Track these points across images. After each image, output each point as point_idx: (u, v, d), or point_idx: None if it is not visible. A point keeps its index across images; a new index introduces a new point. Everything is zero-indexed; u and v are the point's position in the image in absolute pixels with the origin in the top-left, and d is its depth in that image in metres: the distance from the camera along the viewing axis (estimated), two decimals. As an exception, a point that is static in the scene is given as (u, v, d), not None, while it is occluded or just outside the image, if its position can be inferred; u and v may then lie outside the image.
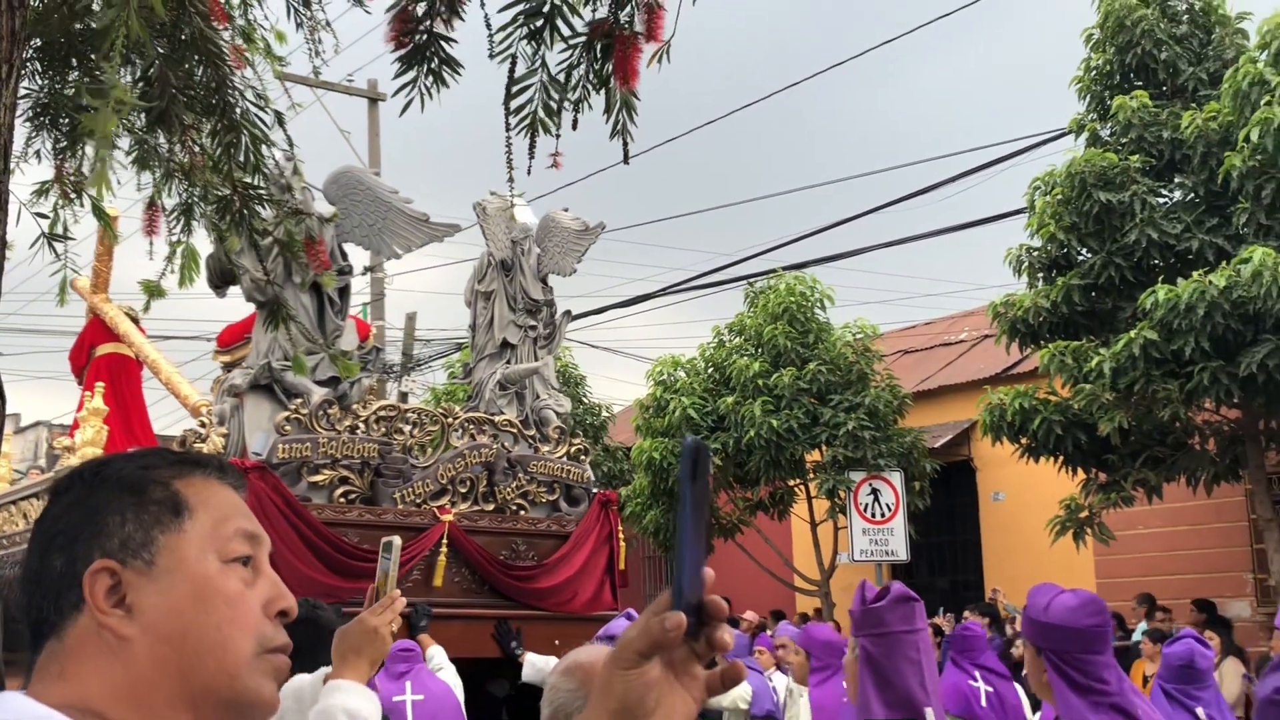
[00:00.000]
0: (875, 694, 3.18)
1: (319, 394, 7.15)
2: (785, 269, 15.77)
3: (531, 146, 2.81)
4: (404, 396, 14.37)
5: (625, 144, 3.14)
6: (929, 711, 3.14)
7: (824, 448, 14.75)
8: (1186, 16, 12.04)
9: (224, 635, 1.28)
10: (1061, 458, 12.25)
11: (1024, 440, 12.24)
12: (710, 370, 15.98)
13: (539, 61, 2.80)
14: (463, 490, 7.59)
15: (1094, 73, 12.13)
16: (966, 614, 13.00)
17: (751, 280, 16.15)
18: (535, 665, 7.03)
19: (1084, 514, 12.27)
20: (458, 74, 2.93)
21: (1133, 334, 10.57)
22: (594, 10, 2.99)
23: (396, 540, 2.63)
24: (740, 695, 7.78)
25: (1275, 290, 9.68)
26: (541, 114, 2.82)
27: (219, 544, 1.29)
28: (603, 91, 3.08)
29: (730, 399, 14.89)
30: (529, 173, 2.86)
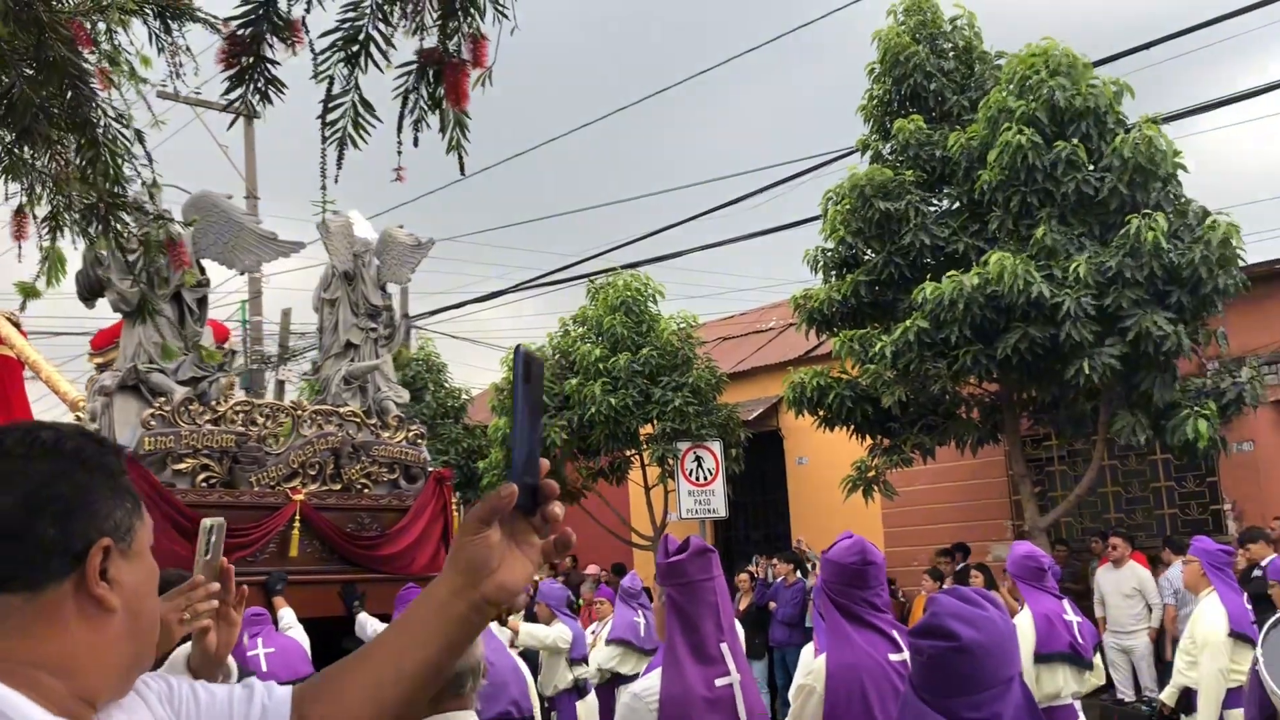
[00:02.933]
0: (680, 634, 3.24)
1: (180, 392, 7.24)
2: (622, 268, 15.84)
3: (340, 159, 2.82)
4: (281, 385, 14.02)
5: (460, 159, 3.16)
6: (724, 646, 3.23)
7: (655, 422, 14.89)
8: (952, 53, 12.38)
9: (157, 613, 1.38)
10: (852, 426, 12.58)
11: (821, 412, 12.51)
12: (557, 356, 15.99)
13: (353, 83, 2.80)
14: (312, 473, 7.77)
15: (875, 100, 12.41)
16: (775, 560, 13.35)
17: (593, 277, 16.19)
18: (363, 624, 7.30)
19: (871, 474, 12.65)
20: (281, 93, 2.93)
21: (908, 323, 10.88)
22: (422, 40, 3.00)
23: (215, 521, 2.24)
24: (560, 636, 7.83)
25: (1018, 287, 10.09)
26: (350, 130, 2.82)
27: (150, 536, 1.37)
28: (437, 112, 3.09)
29: (574, 381, 14.93)
30: (336, 181, 2.87)
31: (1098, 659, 6.08)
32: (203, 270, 7.84)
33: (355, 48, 2.72)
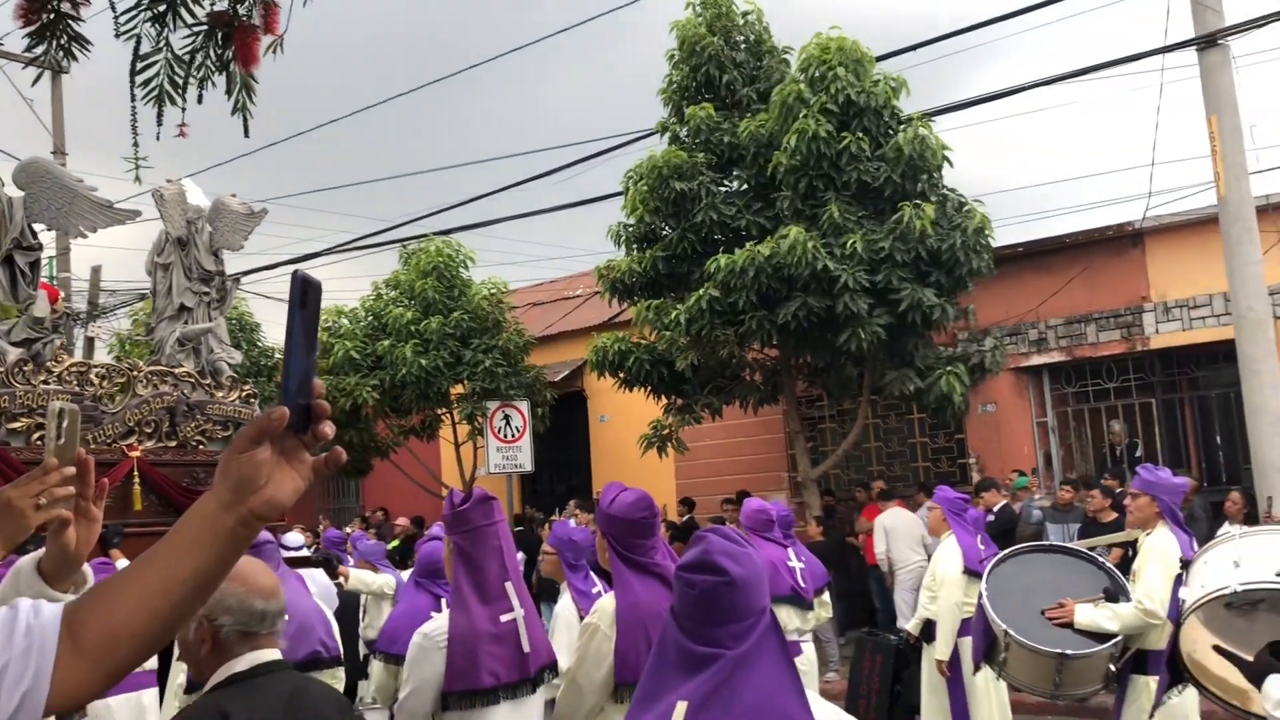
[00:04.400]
0: (465, 576, 3.33)
1: (14, 354, 6.98)
2: (435, 234, 15.65)
3: (159, 117, 2.75)
4: (90, 342, 13.24)
5: (245, 121, 3.06)
6: (508, 585, 3.34)
7: (465, 382, 14.86)
8: (744, 46, 12.68)
9: None
10: (649, 388, 12.86)
11: (622, 374, 12.72)
12: (370, 318, 15.72)
13: (163, 41, 2.72)
14: (148, 430, 7.63)
15: (674, 86, 12.61)
16: (577, 511, 13.55)
17: (405, 243, 15.93)
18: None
19: (665, 431, 12.99)
20: (86, 50, 2.82)
21: (700, 292, 11.19)
22: (213, 3, 2.92)
23: (64, 406, 1.97)
24: (386, 582, 7.83)
25: (804, 259, 10.53)
26: (167, 87, 2.74)
27: None
28: (224, 74, 3.01)
29: (387, 342, 14.73)
30: (158, 138, 2.80)
31: (827, 597, 6.71)
32: (34, 234, 7.50)
33: (163, 7, 2.64)
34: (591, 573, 5.27)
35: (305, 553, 8.99)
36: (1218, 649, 3.98)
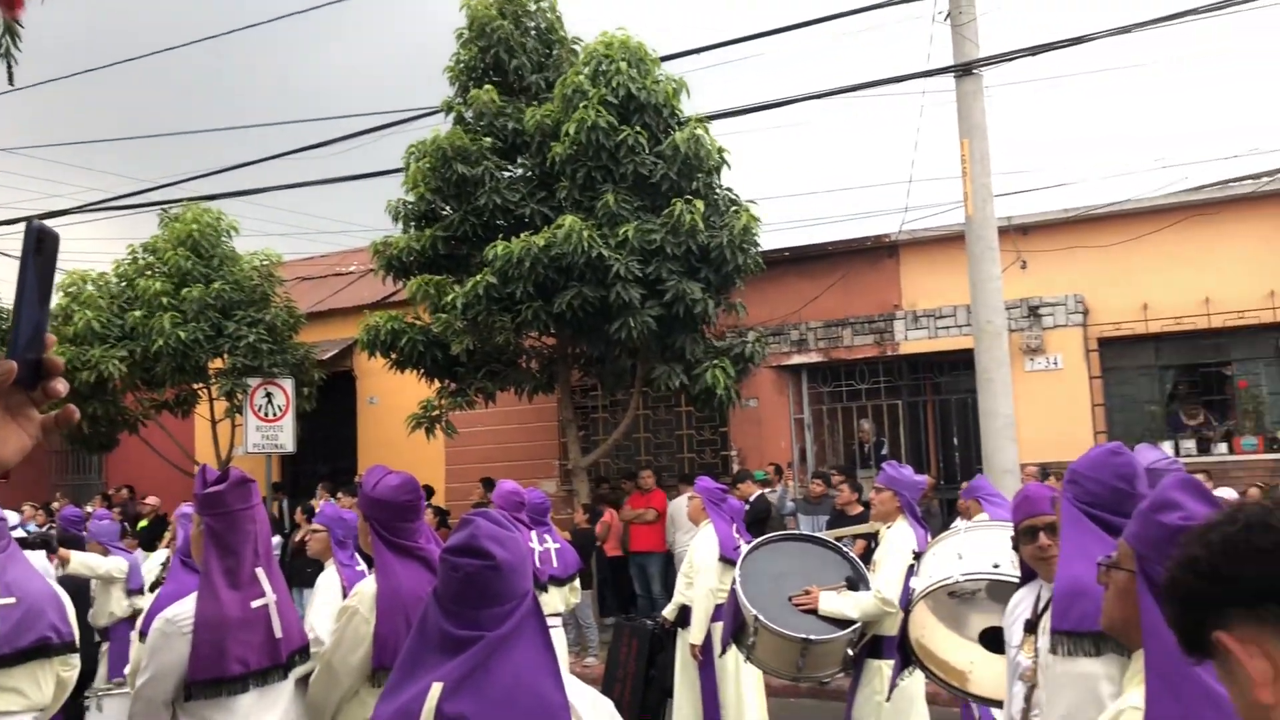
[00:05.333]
0: (216, 560, 3.21)
1: None
2: (197, 199, 14.82)
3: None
4: None
5: (9, 67, 2.89)
6: (259, 571, 3.24)
7: (226, 356, 14.17)
8: (535, 32, 12.68)
9: None
10: (423, 370, 12.68)
11: (394, 355, 12.48)
12: (123, 285, 14.72)
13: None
14: None
15: (462, 65, 12.48)
16: (340, 495, 13.20)
17: (166, 206, 15.01)
18: None
19: (436, 413, 12.85)
20: None
21: (479, 277, 11.13)
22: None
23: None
24: (115, 566, 7.39)
25: (581, 249, 10.66)
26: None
27: None
28: None
29: (138, 313, 13.86)
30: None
31: (578, 583, 6.92)
32: None
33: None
34: (356, 554, 5.22)
35: (21, 533, 8.27)
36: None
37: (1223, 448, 11.87)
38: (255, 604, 3.17)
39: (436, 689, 2.10)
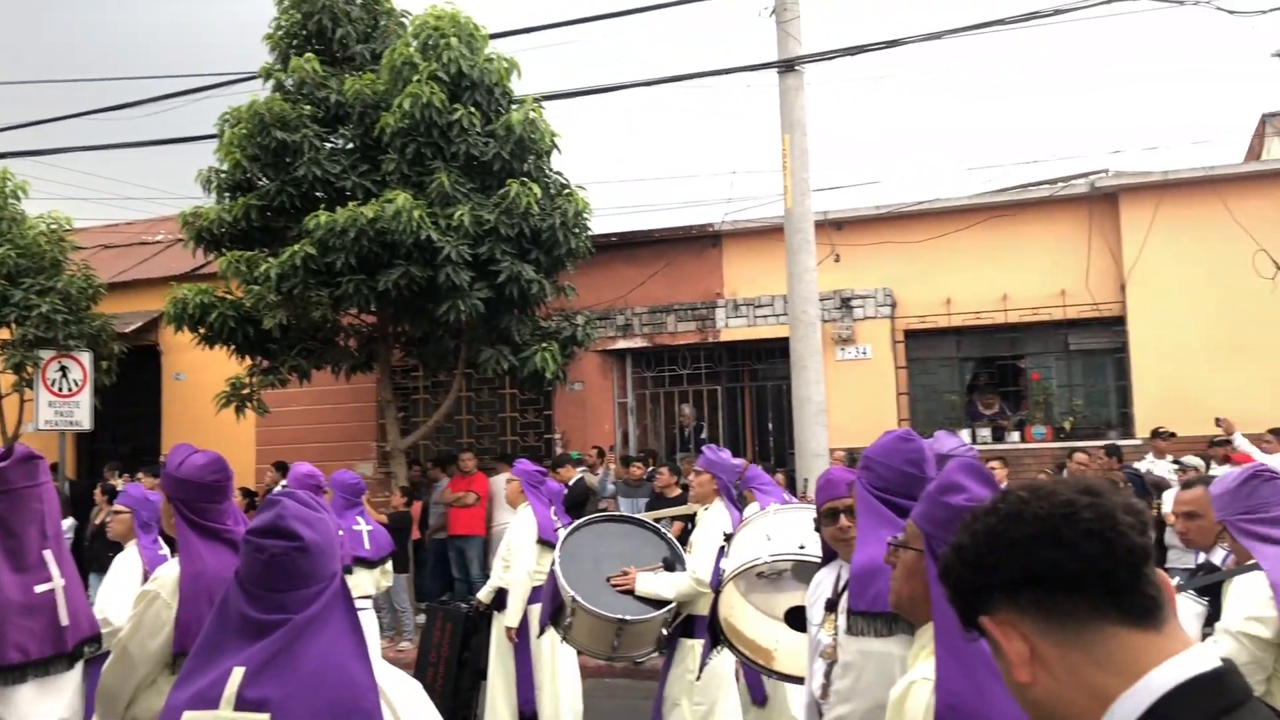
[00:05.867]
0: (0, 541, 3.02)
1: None
2: (-12, 157, 13.77)
3: None
4: None
5: None
6: (47, 553, 3.06)
7: (14, 326, 13.25)
8: (360, 1, 12.35)
9: None
10: (233, 346, 12.19)
11: (203, 330, 11.96)
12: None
13: None
14: None
15: (282, 31, 12.03)
16: (141, 475, 12.56)
17: (-52, 163, 13.88)
18: None
19: (246, 391, 12.38)
20: None
21: (296, 248, 10.77)
22: None
23: None
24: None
25: (410, 226, 10.44)
26: None
27: None
28: None
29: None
30: None
31: (390, 566, 6.88)
32: None
33: None
34: (159, 537, 5.03)
35: None
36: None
37: (1015, 436, 12.66)
38: (40, 589, 2.99)
39: (238, 674, 2.04)
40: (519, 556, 6.72)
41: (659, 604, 5.38)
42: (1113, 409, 12.63)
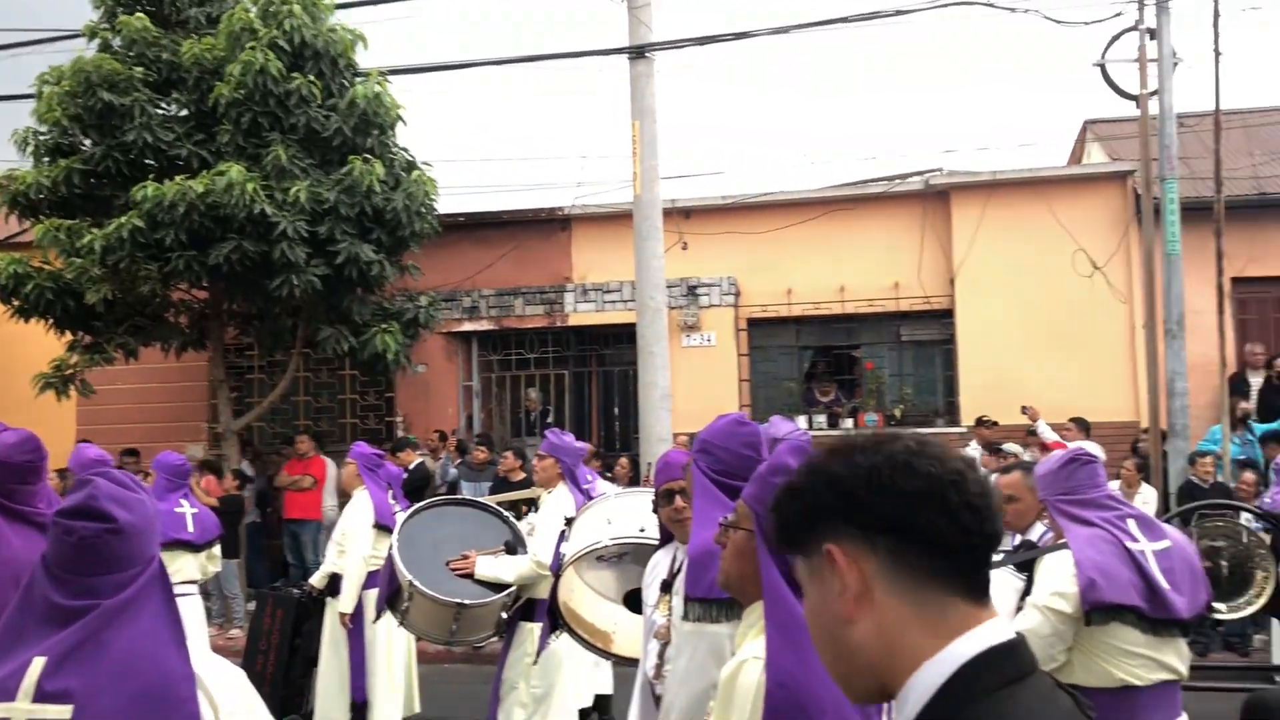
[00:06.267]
0: None
1: None
2: None
3: None
4: None
5: None
6: None
7: None
8: (197, -38, 11.81)
9: None
10: (51, 320, 11.52)
11: (17, 302, 11.27)
12: None
13: None
14: None
15: (109, -13, 11.41)
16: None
17: None
18: None
19: (69, 371, 11.73)
20: None
21: (123, 219, 10.26)
22: None
23: None
24: None
25: (243, 200, 10.06)
26: None
27: None
28: None
29: None
30: None
31: (218, 550, 6.71)
32: None
33: None
34: None
35: None
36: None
37: (849, 423, 13.08)
38: None
39: (38, 664, 1.92)
40: (354, 541, 6.57)
41: (499, 587, 5.35)
42: (940, 398, 13.21)
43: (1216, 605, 8.43)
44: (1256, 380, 11.65)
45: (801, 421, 12.13)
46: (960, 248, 12.60)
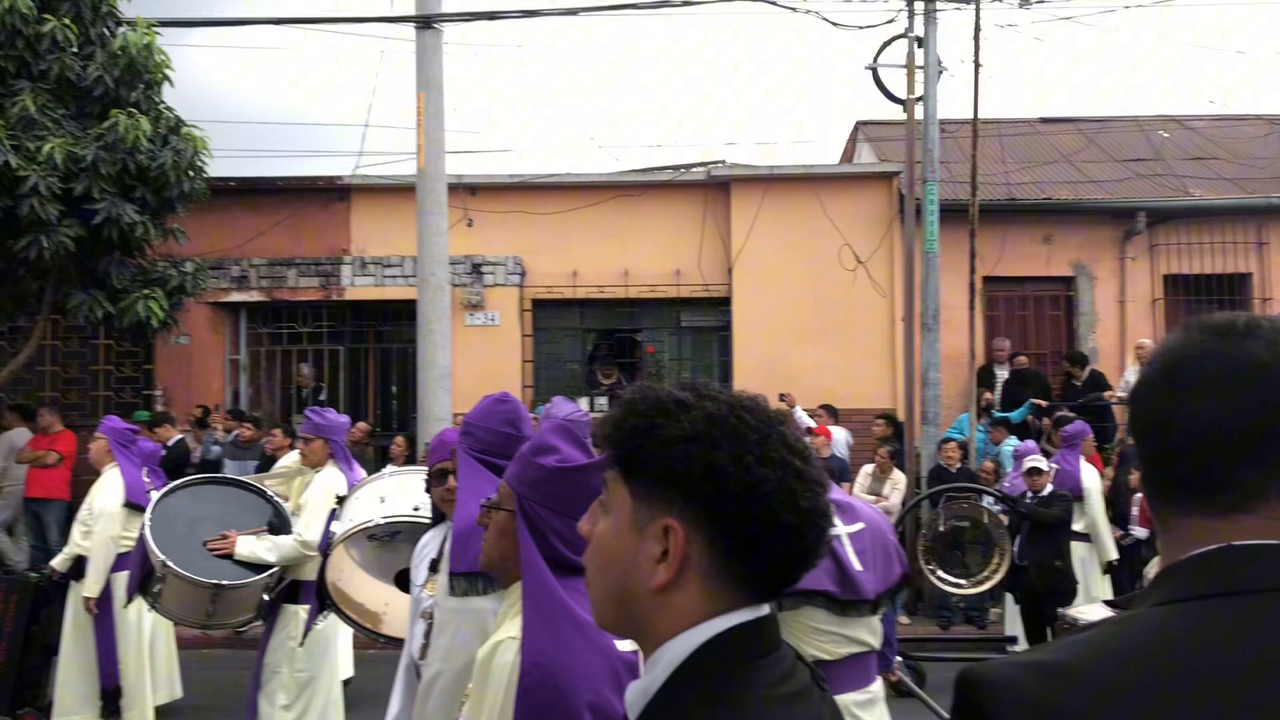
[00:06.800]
0: None
1: None
2: None
3: None
4: None
5: None
6: None
7: None
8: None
9: None
10: None
11: None
12: None
13: None
14: None
15: None
16: None
17: None
18: None
19: None
20: None
21: None
22: None
23: None
24: None
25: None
26: None
27: None
28: None
29: None
30: None
31: None
32: None
33: None
34: None
35: None
36: None
37: (629, 406, 13.29)
38: None
39: None
40: (102, 521, 6.16)
41: (260, 568, 5.16)
42: (716, 383, 13.61)
43: (958, 581, 9.12)
44: (1002, 373, 12.61)
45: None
46: (738, 238, 13.01)
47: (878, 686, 3.79)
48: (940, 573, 8.93)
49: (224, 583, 5.03)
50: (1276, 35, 31.52)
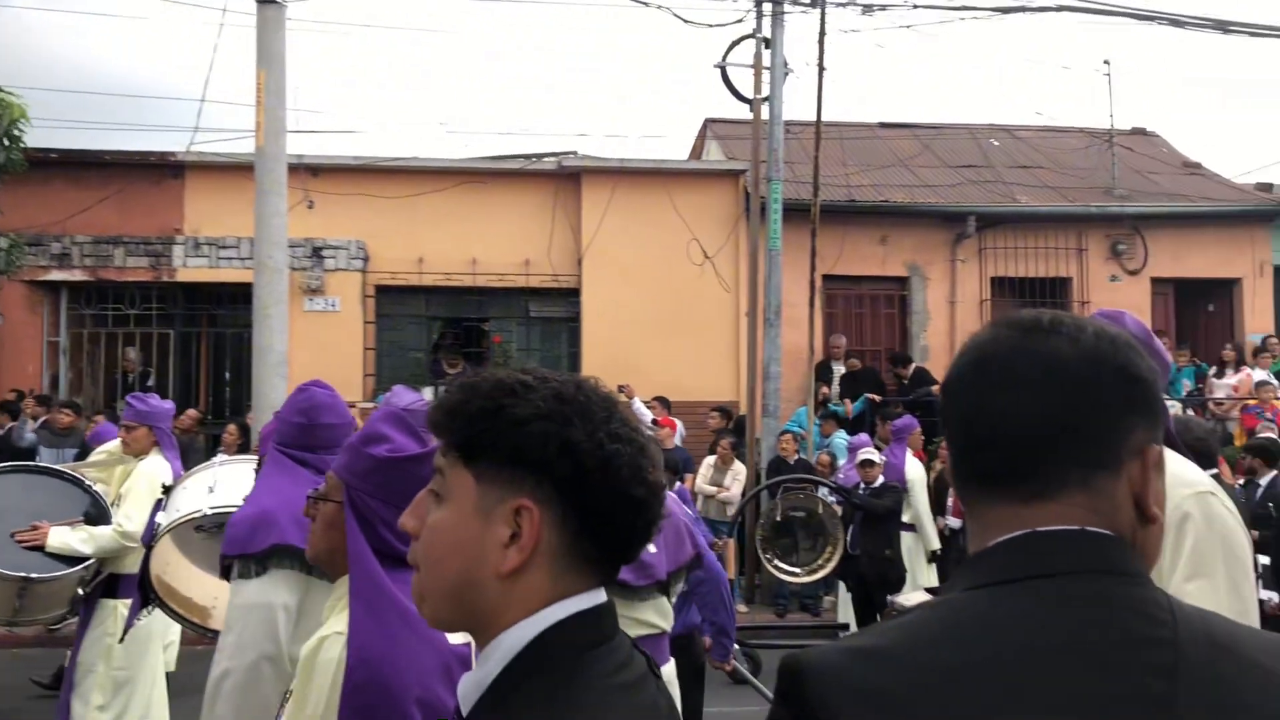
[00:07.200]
0: None
1: None
2: None
3: None
4: None
5: None
6: None
7: None
8: None
9: None
10: None
11: None
12: None
13: None
14: None
15: None
16: None
17: None
18: None
19: None
20: None
21: None
22: None
23: None
24: None
25: None
26: None
27: None
28: None
29: None
30: None
31: None
32: None
33: None
34: None
35: None
36: None
37: (475, 396, 13.15)
38: None
39: None
40: None
41: (74, 561, 4.89)
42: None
43: (794, 569, 9.37)
44: (839, 368, 13.01)
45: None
46: (589, 230, 13.02)
47: (669, 670, 3.86)
48: (777, 561, 9.15)
49: (33, 575, 4.75)
50: (1099, 52, 33.49)
